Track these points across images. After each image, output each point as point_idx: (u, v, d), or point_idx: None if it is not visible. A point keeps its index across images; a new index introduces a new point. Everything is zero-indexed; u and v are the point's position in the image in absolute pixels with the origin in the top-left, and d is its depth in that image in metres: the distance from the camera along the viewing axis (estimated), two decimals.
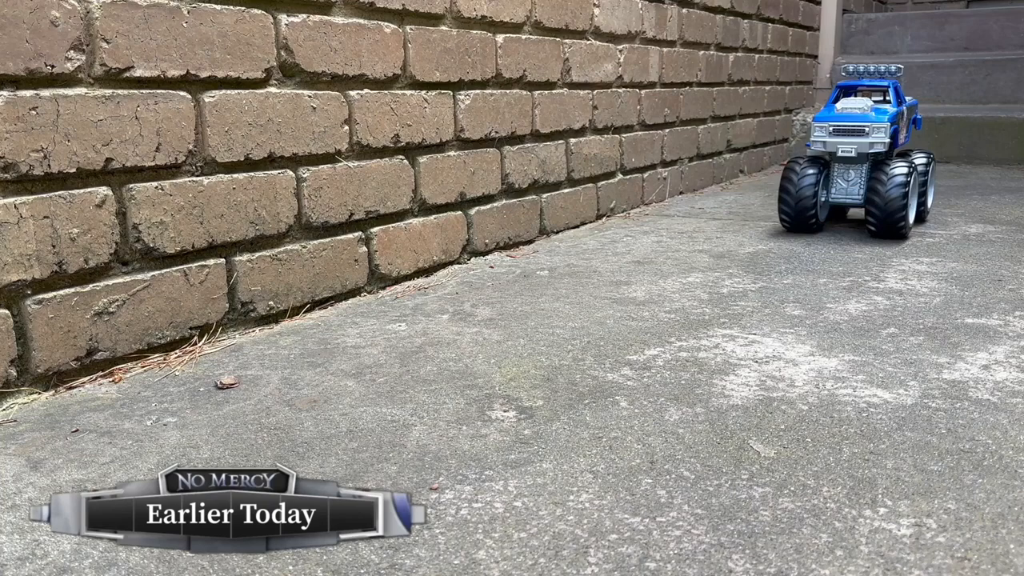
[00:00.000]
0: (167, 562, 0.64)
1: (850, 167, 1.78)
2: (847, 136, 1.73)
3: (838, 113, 1.76)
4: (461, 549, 0.65)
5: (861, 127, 1.72)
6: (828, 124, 1.75)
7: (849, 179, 1.80)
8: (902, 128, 1.87)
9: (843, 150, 1.73)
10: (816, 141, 1.76)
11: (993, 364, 1.03)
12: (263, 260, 1.23)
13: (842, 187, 1.81)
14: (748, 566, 0.62)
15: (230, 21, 1.14)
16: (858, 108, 1.74)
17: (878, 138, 1.71)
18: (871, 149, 1.72)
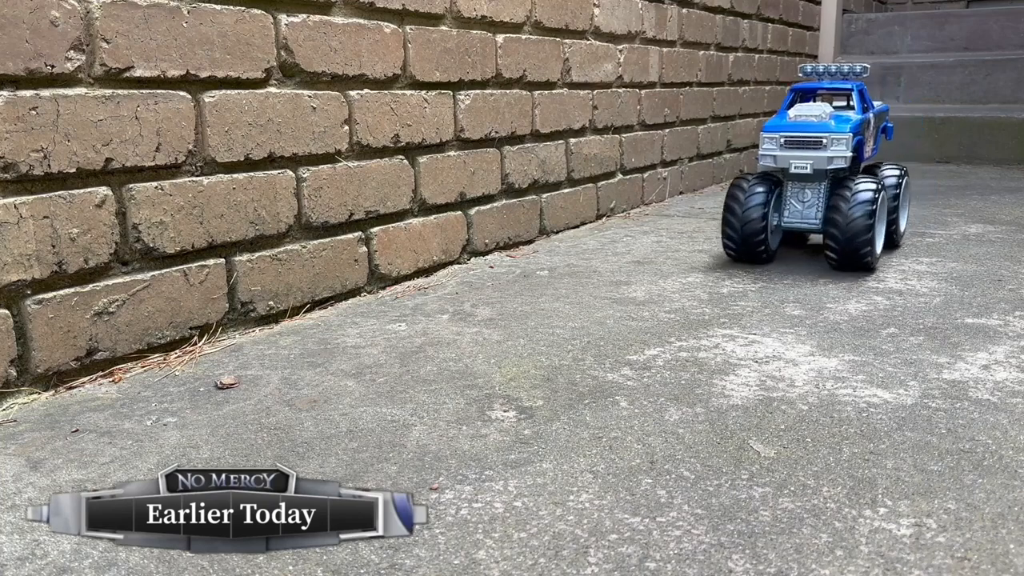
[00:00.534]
0: (167, 562, 0.64)
1: (806, 186, 1.52)
2: (801, 149, 1.46)
3: (791, 122, 1.49)
4: (461, 549, 0.65)
5: (818, 138, 1.44)
6: (779, 135, 1.47)
7: (805, 200, 1.52)
8: (869, 138, 1.59)
9: (797, 166, 1.45)
10: (765, 155, 1.48)
11: (993, 364, 1.03)
12: (263, 260, 1.23)
13: (797, 209, 1.53)
14: (748, 566, 0.62)
15: (230, 21, 1.14)
16: (814, 116, 1.47)
17: (838, 151, 1.43)
18: (830, 165, 1.44)
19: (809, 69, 1.65)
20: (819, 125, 1.46)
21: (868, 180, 1.45)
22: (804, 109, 1.50)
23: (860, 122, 1.51)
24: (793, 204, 1.54)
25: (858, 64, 1.62)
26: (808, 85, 1.65)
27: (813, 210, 1.52)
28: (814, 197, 1.52)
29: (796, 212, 1.53)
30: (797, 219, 1.54)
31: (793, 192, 1.54)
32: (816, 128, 1.46)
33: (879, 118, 1.71)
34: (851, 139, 1.44)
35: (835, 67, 1.63)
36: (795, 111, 1.51)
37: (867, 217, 1.41)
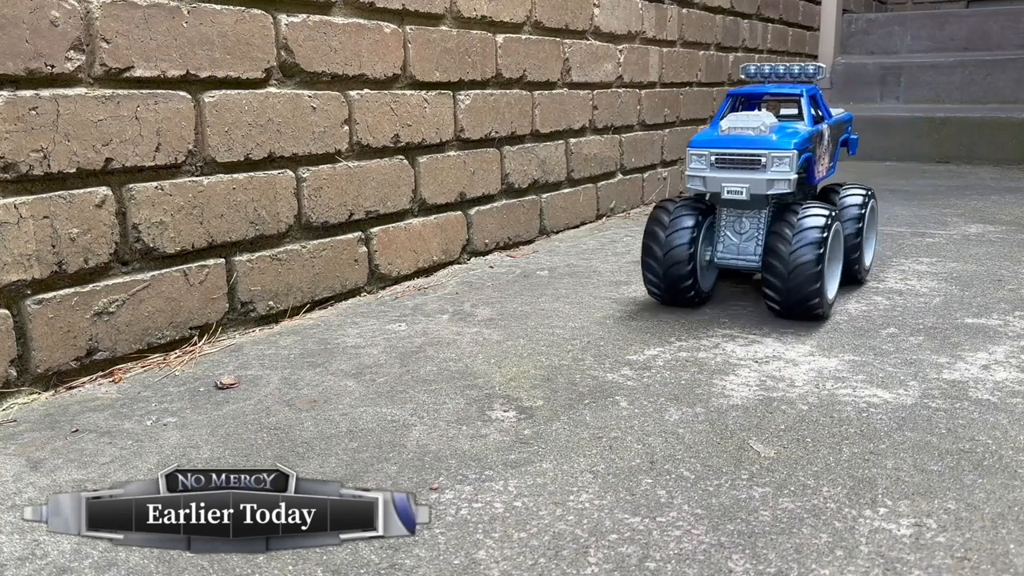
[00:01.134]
0: (167, 562, 0.64)
1: (743, 214, 1.23)
2: (735, 169, 1.17)
3: (723, 135, 1.20)
4: (461, 549, 0.65)
5: (755, 156, 1.15)
6: (708, 151, 1.18)
7: (742, 231, 1.23)
8: (822, 155, 1.31)
9: (730, 190, 1.16)
10: (693, 176, 1.19)
11: (993, 364, 1.03)
12: (263, 260, 1.23)
13: (732, 243, 1.24)
14: (748, 566, 0.62)
15: (230, 21, 1.14)
16: (751, 128, 1.18)
17: (780, 172, 1.15)
18: (771, 189, 1.15)
19: (752, 70, 1.39)
20: (757, 140, 1.16)
21: (818, 208, 1.16)
22: (739, 119, 1.20)
23: (809, 135, 1.22)
24: (728, 236, 1.24)
25: (810, 64, 1.35)
26: (749, 89, 1.36)
27: (752, 244, 1.23)
28: (753, 228, 1.22)
29: (731, 246, 1.24)
30: (732, 254, 1.24)
31: (728, 221, 1.24)
32: (753, 144, 1.16)
33: (837, 129, 1.42)
34: (796, 157, 1.15)
35: (783, 67, 1.36)
36: (728, 122, 1.20)
37: (814, 256, 1.12)
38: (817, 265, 1.12)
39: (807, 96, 1.30)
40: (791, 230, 1.14)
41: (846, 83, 3.66)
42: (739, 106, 1.35)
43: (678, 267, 1.22)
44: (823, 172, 1.33)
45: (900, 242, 1.78)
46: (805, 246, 1.12)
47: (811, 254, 1.12)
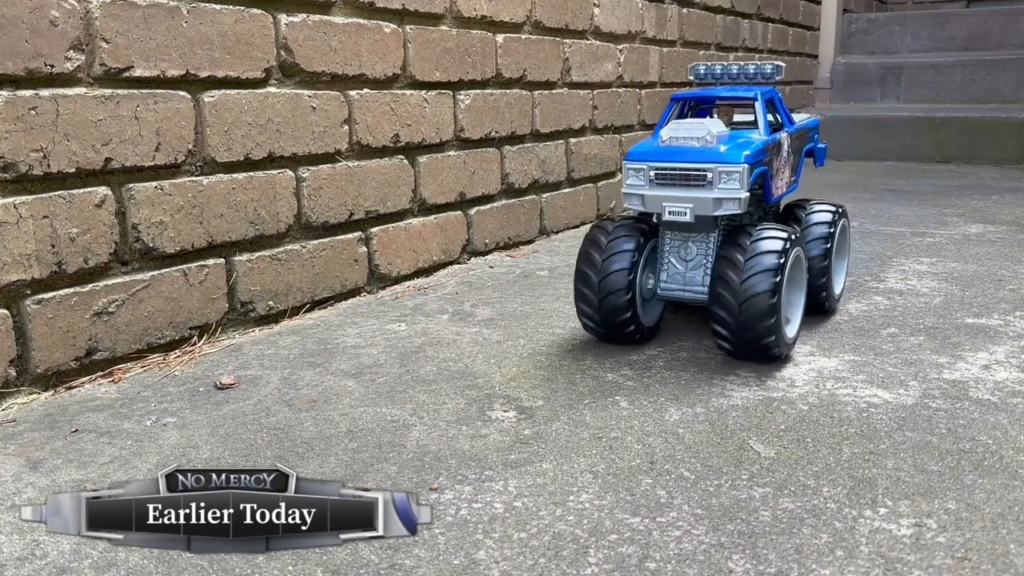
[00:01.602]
0: (167, 562, 0.63)
1: (689, 238, 1.07)
2: (678, 186, 1.01)
3: (663, 146, 1.04)
4: (461, 549, 0.65)
5: (699, 171, 1.00)
6: (646, 165, 1.02)
7: (688, 257, 1.07)
8: (782, 168, 1.14)
9: (672, 210, 1.01)
10: (631, 194, 1.04)
11: (993, 364, 1.03)
12: (263, 260, 1.23)
13: (677, 271, 1.08)
14: (748, 566, 0.62)
15: (230, 21, 1.14)
16: (695, 138, 1.02)
17: (729, 189, 0.99)
18: (718, 210, 0.99)
19: (702, 70, 1.20)
20: (702, 152, 1.01)
21: (775, 230, 1.00)
22: (682, 128, 1.04)
23: (764, 146, 1.04)
24: (672, 263, 1.08)
25: (768, 63, 1.16)
26: (698, 93, 1.17)
27: (699, 272, 1.06)
28: (700, 254, 1.06)
29: (677, 274, 1.08)
30: (678, 284, 1.08)
31: (672, 246, 1.08)
32: (697, 156, 1.00)
33: (800, 138, 1.23)
34: (747, 172, 0.99)
35: (736, 67, 1.18)
36: (670, 130, 1.05)
37: (769, 286, 0.96)
38: (772, 297, 0.96)
39: (762, 100, 1.11)
40: (742, 256, 0.98)
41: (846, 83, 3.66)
42: (688, 112, 1.19)
43: (615, 297, 1.04)
44: (782, 188, 1.15)
45: (900, 242, 1.78)
46: (758, 275, 0.96)
47: (765, 284, 0.96)
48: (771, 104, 1.16)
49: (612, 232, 1.07)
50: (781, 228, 1.01)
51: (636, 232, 1.06)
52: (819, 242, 1.17)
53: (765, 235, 0.99)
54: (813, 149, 1.31)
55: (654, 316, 1.14)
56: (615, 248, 1.05)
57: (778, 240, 0.99)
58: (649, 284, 1.09)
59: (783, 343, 1.01)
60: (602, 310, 1.06)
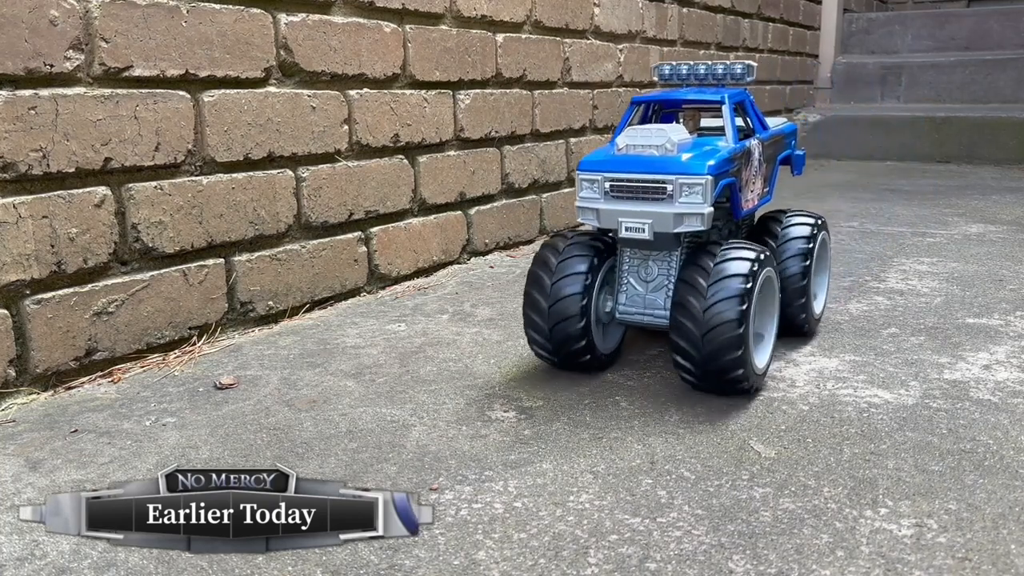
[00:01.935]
0: (166, 562, 0.63)
1: (650, 256, 0.98)
2: (635, 200, 0.91)
3: (619, 155, 0.94)
4: (461, 550, 0.65)
5: (658, 183, 0.90)
6: (601, 175, 0.93)
7: (648, 278, 0.98)
8: (751, 179, 1.03)
9: (628, 227, 0.91)
10: (584, 208, 0.94)
11: (994, 364, 1.03)
12: (262, 260, 1.23)
13: (637, 293, 0.98)
14: (749, 566, 0.62)
15: (229, 20, 1.14)
16: (654, 146, 0.92)
17: (691, 204, 0.89)
18: (679, 226, 0.90)
19: (667, 70, 1.09)
20: (661, 162, 0.91)
21: (743, 249, 0.91)
22: (639, 135, 0.93)
23: (730, 155, 0.95)
24: (631, 284, 0.98)
25: (738, 63, 1.06)
26: (661, 95, 1.07)
27: (661, 295, 0.97)
28: (662, 274, 0.97)
29: (636, 297, 0.98)
30: (637, 308, 0.98)
31: (632, 265, 0.98)
32: (656, 166, 0.91)
33: (775, 144, 1.13)
34: (711, 184, 0.89)
35: (704, 67, 1.07)
36: (626, 137, 0.94)
37: (736, 313, 0.87)
38: (739, 326, 0.86)
39: (730, 103, 1.01)
40: (706, 279, 0.88)
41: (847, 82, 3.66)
42: (653, 116, 1.09)
43: (568, 323, 0.95)
44: (754, 201, 1.04)
45: (901, 242, 1.78)
46: (723, 301, 0.87)
47: (731, 311, 0.86)
48: (741, 108, 1.06)
49: (563, 251, 0.97)
50: (749, 247, 0.91)
51: (590, 251, 0.97)
52: (796, 258, 1.07)
53: (731, 256, 0.89)
54: (790, 156, 1.19)
55: (613, 341, 1.04)
56: (566, 270, 0.96)
57: (745, 262, 0.89)
58: (607, 307, 0.99)
59: (752, 375, 0.91)
60: (553, 338, 0.97)
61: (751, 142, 1.02)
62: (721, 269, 0.88)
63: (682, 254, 0.96)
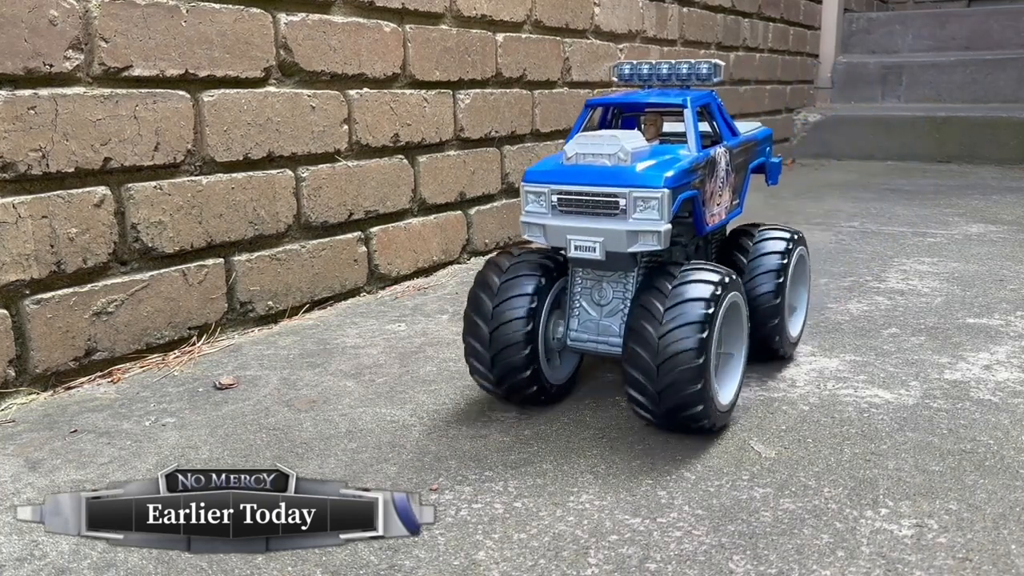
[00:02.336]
0: (166, 563, 0.63)
1: (604, 277, 0.89)
2: (585, 216, 0.82)
3: (567, 165, 0.84)
4: (461, 550, 0.65)
5: (609, 197, 0.81)
6: (548, 187, 0.84)
7: (603, 301, 0.89)
8: (717, 191, 0.92)
9: (578, 245, 0.82)
10: (530, 223, 0.85)
11: (995, 364, 1.03)
12: (262, 260, 1.23)
13: (590, 317, 0.89)
14: (749, 567, 0.62)
15: (229, 20, 1.14)
16: (606, 155, 0.82)
17: (646, 219, 0.80)
18: (633, 245, 0.80)
19: (627, 70, 0.99)
20: (613, 173, 0.81)
21: (705, 270, 0.82)
22: (590, 142, 0.84)
23: (692, 165, 0.85)
24: (584, 308, 0.89)
25: (704, 61, 0.96)
26: (614, 99, 0.98)
27: (617, 320, 0.88)
28: (618, 297, 0.88)
29: (589, 322, 0.89)
30: (590, 334, 0.89)
31: (584, 287, 0.89)
32: (608, 178, 0.81)
33: (746, 152, 1.02)
34: (669, 198, 0.79)
35: (667, 66, 0.97)
36: (576, 145, 0.84)
37: (695, 342, 0.77)
38: (699, 356, 0.77)
39: (693, 107, 0.90)
40: (663, 303, 0.79)
41: (847, 82, 3.66)
42: (613, 120, 1.01)
43: (510, 352, 0.86)
44: (720, 215, 0.94)
45: (901, 242, 1.78)
46: (682, 327, 0.78)
47: (690, 339, 0.77)
48: (705, 111, 0.96)
49: (508, 270, 0.88)
50: (712, 268, 0.82)
51: (539, 270, 0.88)
52: (769, 277, 0.97)
53: (692, 278, 0.80)
54: (764, 164, 1.08)
55: (567, 371, 0.94)
56: (510, 291, 0.86)
57: (707, 285, 0.79)
58: (558, 333, 0.90)
59: (714, 413, 0.81)
60: (496, 367, 0.87)
61: (717, 150, 0.91)
62: (680, 292, 0.79)
63: (639, 275, 0.87)
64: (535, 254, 0.90)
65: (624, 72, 0.99)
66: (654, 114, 0.97)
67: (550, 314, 0.89)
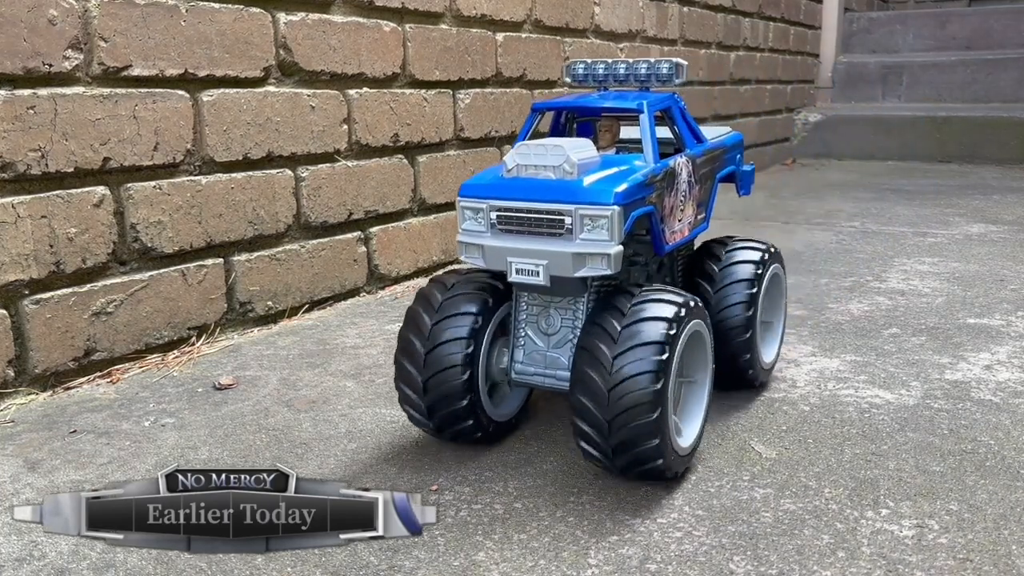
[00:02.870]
0: (165, 563, 0.63)
1: (551, 303, 0.79)
2: (527, 235, 0.73)
3: (508, 178, 0.75)
4: (460, 551, 0.64)
5: (554, 215, 0.72)
6: (486, 203, 0.74)
7: (551, 330, 0.79)
8: (679, 206, 0.82)
9: (520, 268, 0.73)
10: (467, 243, 0.76)
11: (995, 364, 1.03)
12: (261, 260, 1.23)
13: (537, 348, 0.79)
14: (749, 567, 0.61)
15: (228, 20, 1.14)
16: (550, 166, 0.73)
17: (594, 240, 0.71)
18: (580, 269, 0.71)
19: (581, 70, 0.89)
20: (557, 187, 0.72)
21: (661, 303, 0.72)
22: (533, 152, 0.74)
23: (646, 179, 0.75)
24: (530, 337, 0.80)
25: (666, 61, 0.86)
26: (562, 102, 0.87)
27: (566, 351, 0.78)
28: (567, 326, 0.78)
29: (536, 352, 0.79)
30: (537, 366, 0.79)
31: (530, 314, 0.80)
32: (551, 193, 0.72)
33: (712, 161, 0.91)
34: (619, 216, 0.70)
35: (624, 66, 0.87)
36: (517, 155, 0.74)
37: (649, 395, 0.68)
38: (655, 409, 0.68)
39: (650, 112, 0.80)
40: (611, 345, 0.70)
41: (848, 82, 3.65)
42: (566, 126, 0.91)
43: (447, 375, 0.76)
44: (683, 232, 0.84)
45: (902, 242, 1.78)
46: (634, 376, 0.68)
47: (645, 392, 0.68)
48: (665, 116, 0.86)
49: (452, 288, 0.80)
50: (670, 298, 0.72)
51: (486, 290, 0.79)
52: (739, 301, 0.89)
53: (645, 314, 0.70)
54: (735, 173, 0.98)
55: (512, 406, 0.84)
56: (452, 309, 0.77)
57: (660, 323, 0.70)
58: (502, 363, 0.80)
59: (669, 453, 0.71)
60: (429, 394, 0.77)
61: (677, 160, 0.81)
62: (631, 333, 0.70)
63: (590, 300, 0.77)
64: (485, 273, 0.81)
65: (578, 72, 0.89)
66: (610, 119, 0.86)
67: (495, 340, 0.80)
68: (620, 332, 0.70)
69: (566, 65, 0.90)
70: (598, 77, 0.89)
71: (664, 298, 0.72)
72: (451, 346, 0.76)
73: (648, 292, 0.73)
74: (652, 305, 0.71)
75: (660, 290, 0.74)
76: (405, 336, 0.79)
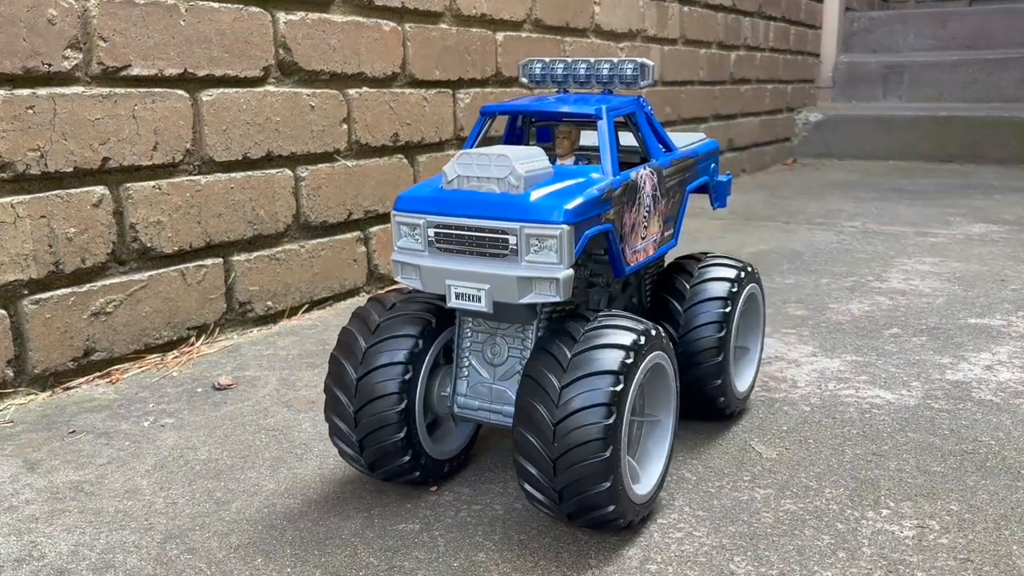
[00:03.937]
0: (165, 563, 0.63)
1: (497, 330, 0.72)
2: (468, 256, 0.66)
3: (448, 189, 0.67)
4: (460, 551, 0.64)
5: (497, 233, 0.64)
6: (423, 219, 0.67)
7: (496, 359, 0.72)
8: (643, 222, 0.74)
9: (460, 292, 0.65)
10: (403, 262, 0.68)
11: (996, 364, 1.02)
12: (261, 260, 1.23)
13: (481, 380, 0.72)
14: (750, 568, 0.61)
15: (228, 19, 1.14)
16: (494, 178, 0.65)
17: (541, 262, 0.63)
18: (526, 295, 0.64)
19: (538, 69, 0.81)
20: (501, 202, 0.64)
21: (617, 330, 0.64)
22: (475, 162, 0.66)
23: (604, 192, 0.67)
24: (474, 367, 0.72)
25: (630, 61, 0.78)
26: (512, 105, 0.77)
27: (513, 384, 0.71)
28: (514, 356, 0.71)
29: (480, 385, 0.72)
30: (482, 399, 0.72)
31: (474, 342, 0.72)
32: (493, 209, 0.64)
33: (681, 171, 0.83)
34: (570, 235, 0.63)
35: (585, 65, 0.80)
36: (458, 166, 0.66)
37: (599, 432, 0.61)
38: (606, 448, 0.60)
39: (609, 118, 0.72)
40: (564, 359, 0.63)
41: (848, 82, 3.65)
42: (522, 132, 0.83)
43: (381, 404, 0.69)
44: (647, 251, 0.76)
45: (903, 241, 1.78)
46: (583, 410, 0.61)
47: (595, 427, 0.60)
48: (627, 123, 0.78)
49: (392, 308, 0.72)
50: (626, 326, 0.65)
51: (431, 311, 0.72)
52: (710, 320, 0.81)
53: (597, 342, 0.63)
54: (709, 184, 0.89)
55: (456, 443, 0.76)
56: (389, 331, 0.70)
57: (617, 351, 0.62)
58: (445, 394, 0.73)
59: (623, 500, 0.63)
60: (360, 427, 0.69)
61: (640, 171, 0.73)
62: (582, 361, 0.62)
63: (540, 327, 0.70)
64: (424, 296, 0.73)
65: (535, 72, 0.81)
66: (569, 125, 0.77)
67: (435, 369, 0.72)
68: (570, 360, 0.62)
69: (522, 64, 0.82)
70: (557, 78, 0.80)
71: (622, 324, 0.65)
72: (386, 371, 0.69)
73: (605, 317, 0.66)
74: (608, 331, 0.64)
75: (618, 316, 0.66)
76: (336, 360, 0.70)
